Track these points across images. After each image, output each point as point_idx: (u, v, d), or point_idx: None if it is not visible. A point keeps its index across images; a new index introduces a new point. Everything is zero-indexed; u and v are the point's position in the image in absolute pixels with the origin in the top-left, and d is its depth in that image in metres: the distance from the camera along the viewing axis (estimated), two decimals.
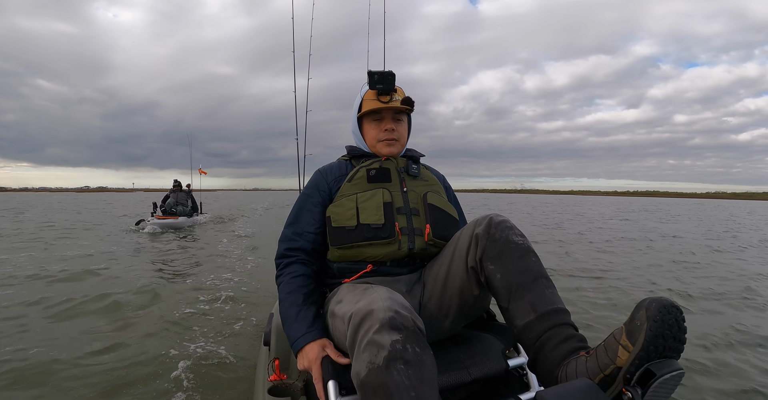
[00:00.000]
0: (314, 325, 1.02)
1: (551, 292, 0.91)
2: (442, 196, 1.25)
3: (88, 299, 3.22)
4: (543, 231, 9.47)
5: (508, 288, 0.91)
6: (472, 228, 1.00)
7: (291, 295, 1.08)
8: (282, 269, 1.15)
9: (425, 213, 1.15)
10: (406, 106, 1.21)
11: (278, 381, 1.07)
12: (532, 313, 0.87)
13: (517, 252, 0.93)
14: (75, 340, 2.41)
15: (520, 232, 0.98)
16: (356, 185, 1.16)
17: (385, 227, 1.09)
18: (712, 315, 3.14)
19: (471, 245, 0.97)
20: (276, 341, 1.30)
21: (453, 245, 1.05)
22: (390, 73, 1.18)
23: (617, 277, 4.45)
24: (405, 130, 1.26)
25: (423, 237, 1.12)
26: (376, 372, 0.74)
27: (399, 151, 1.25)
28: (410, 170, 1.22)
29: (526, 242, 0.96)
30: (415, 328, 0.80)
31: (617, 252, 6.33)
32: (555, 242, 7.43)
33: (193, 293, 3.51)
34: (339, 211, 1.13)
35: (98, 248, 6.06)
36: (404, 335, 0.77)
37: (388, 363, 0.74)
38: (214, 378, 1.94)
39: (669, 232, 9.85)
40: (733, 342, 2.54)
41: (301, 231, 1.17)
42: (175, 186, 10.06)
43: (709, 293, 3.81)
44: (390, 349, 0.75)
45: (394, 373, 0.73)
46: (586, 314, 3.07)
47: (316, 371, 0.93)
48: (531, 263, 0.93)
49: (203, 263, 5.00)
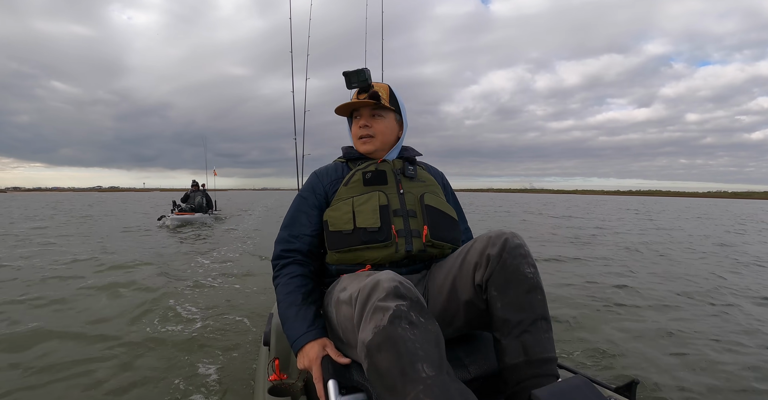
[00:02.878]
0: (314, 324, 1.03)
1: (547, 337, 0.90)
2: (440, 196, 1.23)
3: (90, 286, 3.62)
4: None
5: (506, 322, 0.90)
6: (484, 245, 0.96)
7: (289, 295, 1.09)
8: (279, 269, 1.16)
9: (422, 214, 1.14)
10: (369, 101, 1.17)
11: (278, 381, 1.06)
12: (522, 355, 0.87)
13: (525, 286, 0.91)
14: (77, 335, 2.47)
15: (533, 261, 0.95)
16: (352, 189, 1.16)
17: (382, 230, 1.08)
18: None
19: (481, 264, 0.95)
20: (276, 340, 1.30)
21: (461, 257, 1.02)
22: (361, 70, 1.16)
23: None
24: (386, 127, 1.22)
25: (421, 239, 1.11)
26: (381, 331, 0.75)
27: (375, 149, 1.22)
28: (406, 172, 1.20)
29: (537, 276, 0.94)
30: (419, 300, 0.81)
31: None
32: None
33: (190, 290, 3.60)
34: (336, 215, 1.13)
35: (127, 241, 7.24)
36: (409, 302, 0.79)
37: (393, 320, 0.76)
38: (213, 378, 1.94)
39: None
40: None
41: (297, 233, 1.17)
42: (193, 186, 11.45)
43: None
44: (395, 309, 0.77)
45: (399, 329, 0.75)
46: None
47: (317, 370, 0.94)
48: (536, 302, 0.91)
49: (203, 258, 5.29)
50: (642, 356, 2.29)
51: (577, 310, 3.13)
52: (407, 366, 0.72)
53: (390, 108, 1.22)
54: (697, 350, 2.39)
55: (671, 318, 3.01)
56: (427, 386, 0.71)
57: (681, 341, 2.54)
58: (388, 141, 1.24)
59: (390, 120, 1.23)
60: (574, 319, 2.90)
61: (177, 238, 7.57)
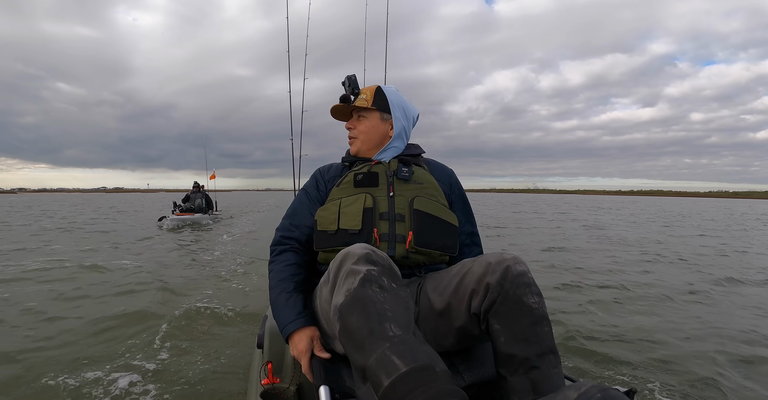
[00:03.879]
0: (304, 312, 1.04)
1: (556, 372, 0.84)
2: (437, 200, 1.18)
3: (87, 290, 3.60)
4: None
5: (512, 357, 0.84)
6: (483, 271, 0.88)
7: (282, 282, 1.10)
8: (275, 255, 1.18)
9: (410, 219, 1.11)
10: (341, 104, 1.24)
11: (271, 385, 1.05)
12: (531, 394, 0.82)
13: (530, 318, 0.84)
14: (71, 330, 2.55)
15: (537, 290, 0.87)
16: (343, 190, 1.17)
17: (362, 232, 1.07)
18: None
19: (478, 292, 0.88)
20: (269, 343, 1.29)
21: (458, 278, 0.94)
22: (348, 77, 1.25)
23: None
24: (368, 127, 1.23)
25: (404, 244, 1.08)
26: (352, 293, 0.76)
27: (358, 149, 1.25)
28: (399, 174, 1.17)
29: (542, 306, 0.86)
30: (391, 267, 0.82)
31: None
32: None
33: (188, 290, 3.60)
34: (324, 215, 1.14)
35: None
36: (380, 268, 0.80)
37: (363, 283, 0.76)
38: (206, 382, 1.92)
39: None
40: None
41: (297, 223, 1.20)
42: (194, 187, 11.61)
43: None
44: (365, 273, 0.78)
45: (369, 291, 0.76)
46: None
47: (305, 363, 0.96)
48: (542, 334, 0.84)
49: (197, 259, 5.37)
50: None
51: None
52: (375, 325, 0.73)
53: (370, 108, 1.23)
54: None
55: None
56: (393, 344, 0.71)
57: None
58: (373, 140, 1.24)
59: (373, 120, 1.24)
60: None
61: (175, 238, 7.64)
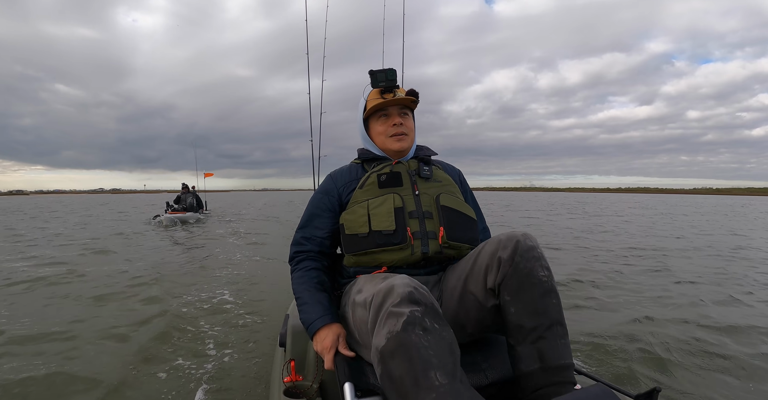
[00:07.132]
0: (330, 309, 1.07)
1: (563, 343, 0.87)
2: (457, 196, 1.21)
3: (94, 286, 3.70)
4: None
5: (520, 328, 0.88)
6: (495, 248, 0.94)
7: (305, 284, 1.14)
8: (295, 265, 1.21)
9: (438, 215, 1.13)
10: (411, 97, 1.21)
11: (293, 383, 1.06)
12: (538, 362, 0.85)
13: (539, 290, 0.89)
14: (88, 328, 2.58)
15: (546, 263, 0.92)
16: (367, 191, 1.17)
17: (397, 232, 1.08)
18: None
19: (491, 267, 0.93)
20: (292, 342, 1.30)
21: (472, 260, 1.01)
22: (391, 70, 1.18)
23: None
24: (412, 124, 1.25)
25: (437, 240, 1.10)
26: (395, 337, 0.75)
27: (409, 146, 1.24)
28: (422, 172, 1.19)
29: (551, 280, 0.91)
30: (434, 305, 0.81)
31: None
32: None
33: (203, 289, 3.63)
34: (351, 218, 1.14)
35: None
36: (423, 308, 0.78)
37: (406, 327, 0.75)
38: (228, 379, 1.94)
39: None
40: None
41: (309, 235, 1.22)
42: (183, 188, 12.79)
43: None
44: (409, 315, 0.76)
45: (413, 335, 0.75)
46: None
47: (329, 358, 0.98)
48: (550, 306, 0.89)
49: (210, 255, 5.45)
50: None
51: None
52: (420, 374, 0.72)
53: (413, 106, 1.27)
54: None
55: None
56: (439, 394, 0.71)
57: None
58: (414, 139, 1.27)
59: (412, 119, 1.27)
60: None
61: (175, 237, 8.31)
